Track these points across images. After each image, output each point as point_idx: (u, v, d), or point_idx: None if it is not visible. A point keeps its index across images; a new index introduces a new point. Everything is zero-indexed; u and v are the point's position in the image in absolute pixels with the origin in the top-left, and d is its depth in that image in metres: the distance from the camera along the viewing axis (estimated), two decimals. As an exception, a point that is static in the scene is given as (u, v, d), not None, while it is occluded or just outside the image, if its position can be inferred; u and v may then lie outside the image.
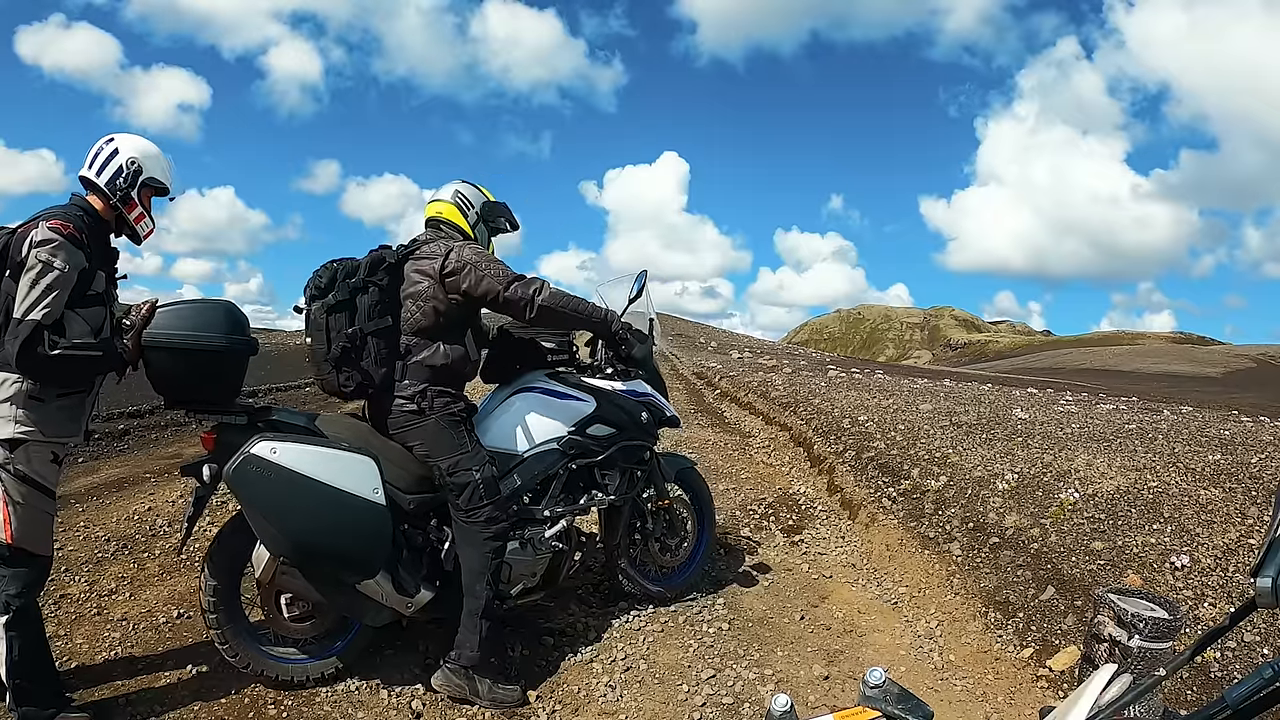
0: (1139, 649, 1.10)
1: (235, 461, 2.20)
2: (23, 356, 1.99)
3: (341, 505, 2.27)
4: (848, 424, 6.34)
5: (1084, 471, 3.98)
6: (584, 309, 2.66)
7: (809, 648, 2.97)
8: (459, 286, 2.48)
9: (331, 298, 2.41)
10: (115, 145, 2.25)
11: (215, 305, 2.31)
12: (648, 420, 3.03)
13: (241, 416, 2.36)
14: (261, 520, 2.24)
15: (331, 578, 2.39)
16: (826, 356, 21.16)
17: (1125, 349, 68.35)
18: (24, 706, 2.12)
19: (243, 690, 2.47)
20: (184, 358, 2.20)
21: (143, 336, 2.15)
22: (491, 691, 2.48)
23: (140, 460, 5.66)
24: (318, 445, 2.32)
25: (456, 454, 2.49)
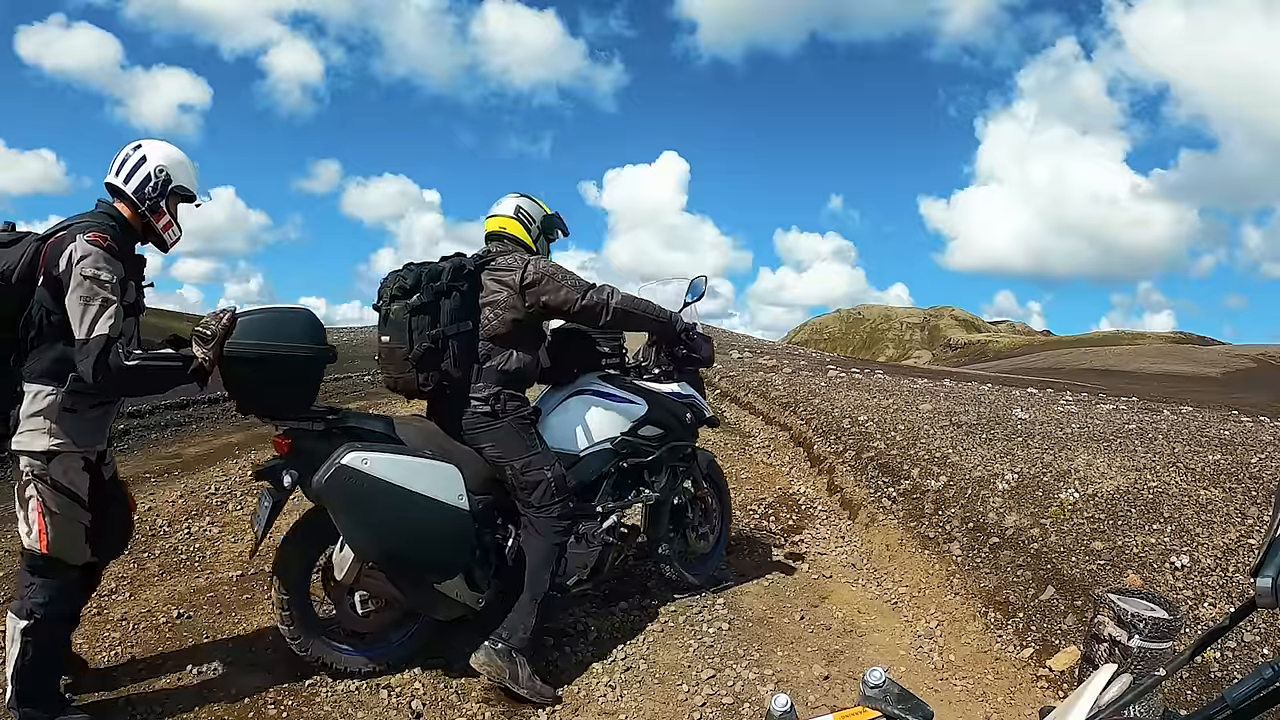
0: (1139, 649, 1.10)
1: (328, 472, 2.26)
2: (98, 372, 1.99)
3: (429, 512, 2.37)
4: (848, 424, 6.34)
5: (1084, 471, 3.98)
6: (653, 311, 2.84)
7: (809, 648, 2.97)
8: (539, 297, 2.62)
9: (416, 299, 2.48)
10: (143, 153, 2.23)
11: (296, 313, 2.33)
12: (690, 420, 3.17)
13: (319, 423, 2.40)
14: (352, 528, 2.32)
15: (414, 579, 2.48)
16: (826, 356, 21.17)
17: (1125, 349, 68.41)
18: (24, 708, 2.12)
19: (243, 690, 2.47)
20: (268, 366, 2.21)
21: (224, 346, 2.14)
22: (531, 680, 2.53)
23: (140, 460, 5.65)
24: (406, 455, 2.40)
25: (528, 454, 2.61)
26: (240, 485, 4.97)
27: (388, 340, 2.54)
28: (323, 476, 2.27)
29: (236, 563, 3.56)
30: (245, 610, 3.08)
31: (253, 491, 4.83)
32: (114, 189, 2.23)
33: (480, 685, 2.61)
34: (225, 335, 2.13)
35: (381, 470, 2.32)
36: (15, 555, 3.49)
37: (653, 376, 3.15)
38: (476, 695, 2.57)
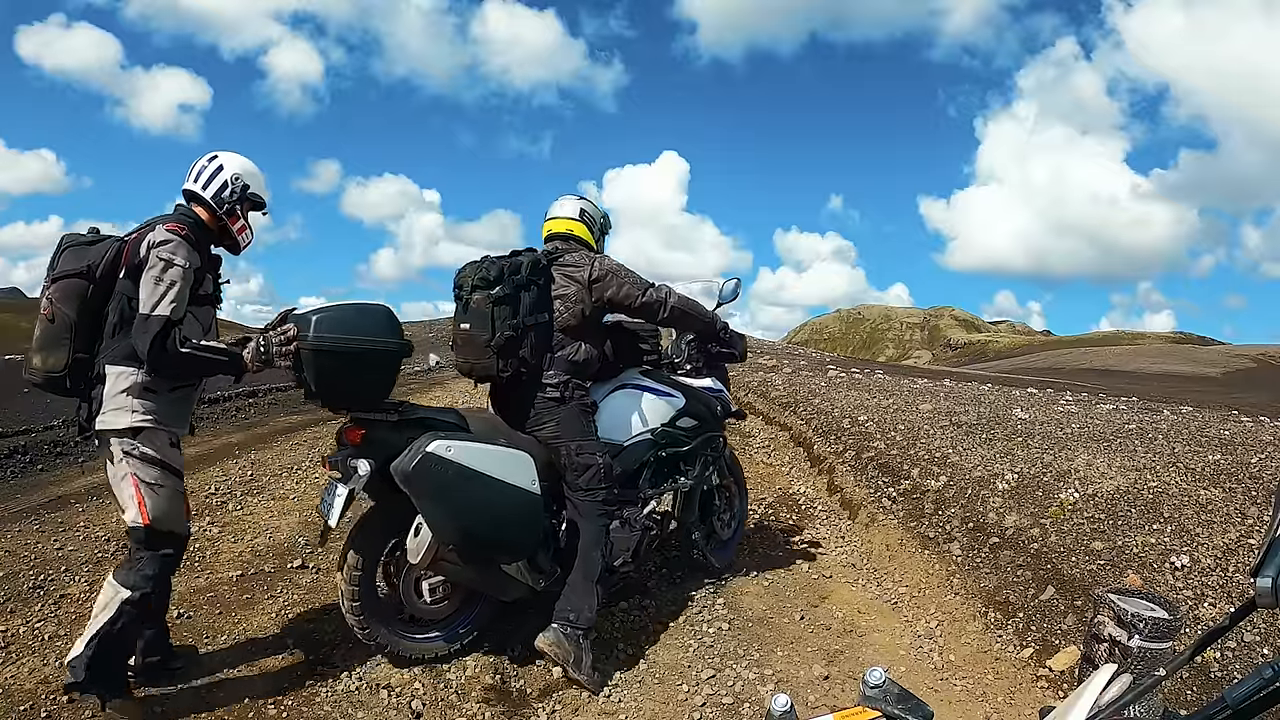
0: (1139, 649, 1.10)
1: (415, 459, 2.36)
2: (153, 351, 2.11)
3: (505, 496, 2.51)
4: (847, 424, 6.34)
5: (1084, 471, 3.98)
6: (699, 311, 3.08)
7: (809, 648, 2.97)
8: (604, 293, 2.82)
9: (499, 291, 2.62)
10: (220, 162, 2.39)
11: (376, 308, 2.45)
12: (720, 412, 3.40)
13: (393, 414, 2.51)
14: (435, 511, 2.41)
15: (487, 560, 2.59)
16: (826, 356, 21.14)
17: (1125, 349, 68.33)
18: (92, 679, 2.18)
19: (242, 690, 2.47)
20: (352, 360, 2.33)
21: (311, 340, 2.27)
22: (592, 666, 2.64)
23: (140, 460, 5.66)
24: (484, 443, 2.53)
25: (585, 439, 2.79)
26: (240, 485, 4.98)
27: (468, 328, 2.69)
28: (410, 463, 2.36)
29: (236, 563, 3.57)
30: (245, 610, 3.08)
31: (252, 491, 4.83)
32: (192, 195, 2.39)
33: (480, 685, 2.61)
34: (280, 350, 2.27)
35: (464, 457, 2.44)
36: (15, 555, 3.50)
37: (685, 372, 3.34)
38: (476, 695, 2.57)
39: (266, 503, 4.62)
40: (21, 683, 2.46)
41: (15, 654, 2.64)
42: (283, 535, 4.00)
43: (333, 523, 2.45)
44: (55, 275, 2.19)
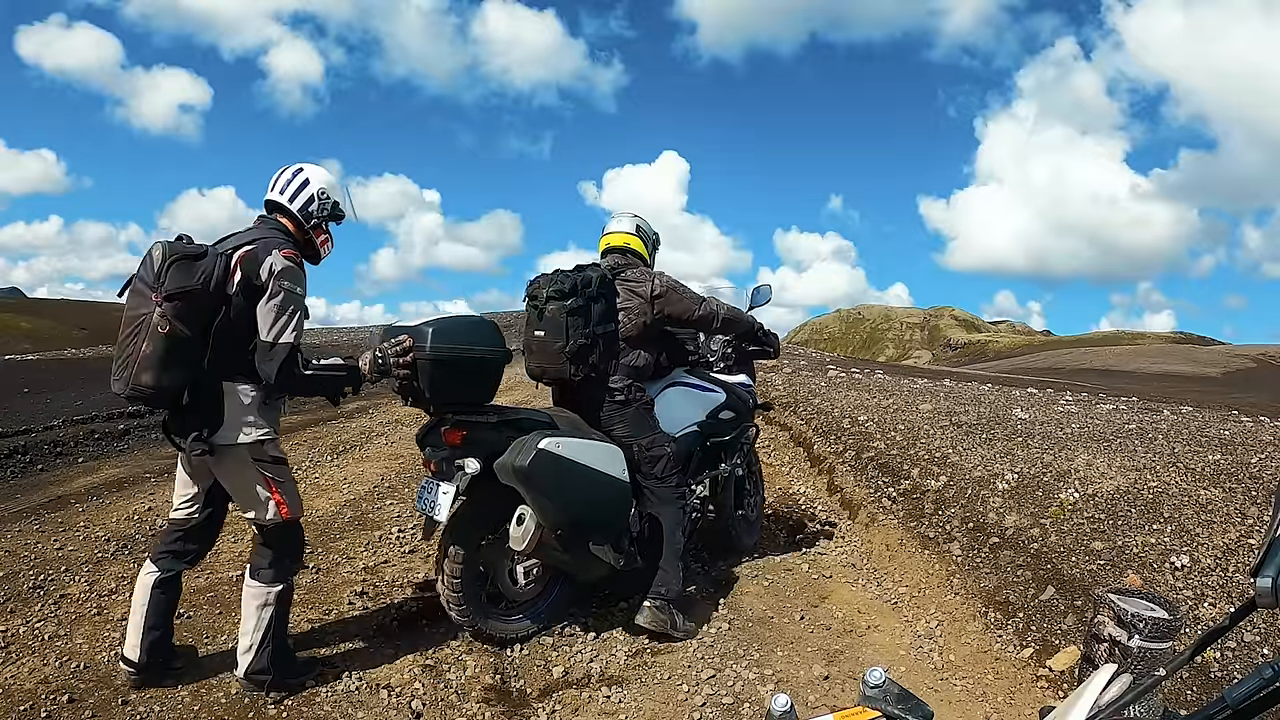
0: (1139, 649, 1.10)
1: (530, 455, 2.59)
2: (281, 375, 2.24)
3: (603, 485, 2.79)
4: (847, 424, 6.34)
5: (1084, 471, 3.98)
6: (743, 319, 3.42)
7: (809, 648, 2.97)
8: (664, 308, 3.13)
9: (572, 302, 2.82)
10: (306, 176, 2.47)
11: (483, 321, 2.72)
12: (753, 405, 3.77)
13: (492, 416, 2.72)
14: (545, 501, 2.64)
15: (583, 543, 2.80)
16: (826, 356, 21.14)
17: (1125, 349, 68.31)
18: (279, 670, 2.41)
19: (243, 690, 2.47)
20: (464, 367, 2.56)
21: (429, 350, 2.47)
22: (685, 624, 3.01)
23: (140, 460, 5.66)
24: (584, 439, 2.82)
25: (652, 434, 3.08)
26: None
27: (543, 335, 2.89)
28: (524, 459, 2.58)
29: (236, 563, 3.56)
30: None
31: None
32: (277, 206, 2.46)
33: (480, 685, 2.61)
34: (397, 360, 2.44)
35: (570, 452, 2.70)
36: (15, 555, 3.50)
37: (720, 369, 3.66)
38: (476, 695, 2.57)
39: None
40: (21, 683, 2.46)
41: (15, 654, 2.64)
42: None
43: (442, 518, 2.61)
44: (170, 292, 2.13)
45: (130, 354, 2.15)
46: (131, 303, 2.18)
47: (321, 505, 4.63)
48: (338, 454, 6.14)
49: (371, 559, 3.73)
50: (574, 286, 2.84)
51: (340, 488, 5.08)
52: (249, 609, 2.40)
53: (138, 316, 2.15)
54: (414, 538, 4.03)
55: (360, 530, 4.18)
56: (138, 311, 2.16)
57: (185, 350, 2.16)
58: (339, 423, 7.68)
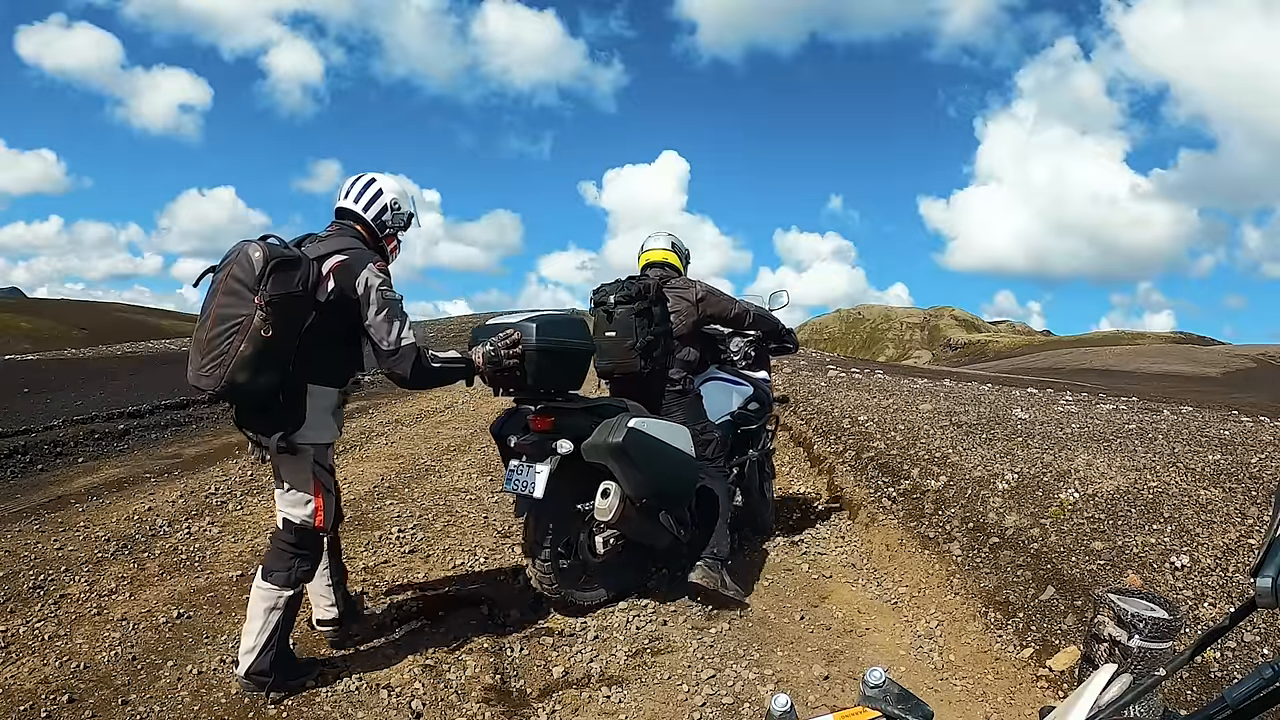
0: (1139, 649, 1.10)
1: (622, 434, 2.88)
2: (414, 373, 2.44)
3: (677, 460, 3.12)
4: (847, 424, 6.34)
5: (1084, 471, 3.98)
6: (770, 317, 3.89)
7: (809, 648, 2.97)
8: (707, 310, 3.59)
9: (639, 305, 3.22)
10: (379, 186, 2.59)
11: (575, 318, 3.03)
12: (773, 398, 4.19)
13: (576, 403, 3.01)
14: (634, 473, 2.94)
15: (656, 513, 3.16)
16: (826, 356, 21.14)
17: (1125, 349, 68.29)
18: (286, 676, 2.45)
19: (243, 690, 2.47)
20: (564, 357, 2.87)
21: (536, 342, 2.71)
22: (733, 584, 3.31)
23: (140, 460, 5.66)
24: (660, 419, 3.14)
25: (704, 420, 3.51)
26: (240, 485, 4.98)
27: (614, 335, 3.24)
28: (618, 436, 2.87)
29: (236, 563, 3.57)
30: (245, 610, 3.07)
31: (252, 491, 4.83)
32: (349, 213, 2.57)
33: (480, 685, 2.61)
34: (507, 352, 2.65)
35: (654, 430, 3.02)
36: (15, 555, 3.50)
37: (744, 366, 4.03)
38: (476, 695, 2.57)
39: (266, 503, 4.62)
40: (21, 683, 2.46)
41: (15, 654, 2.64)
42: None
43: (540, 494, 2.85)
44: (273, 296, 2.16)
45: (225, 352, 2.16)
46: (224, 301, 2.18)
47: (321, 505, 4.63)
48: (337, 454, 6.13)
49: (371, 559, 3.73)
50: (639, 292, 3.24)
51: (340, 488, 5.08)
52: (256, 609, 2.41)
53: (234, 316, 2.16)
54: (414, 537, 4.03)
55: (360, 530, 4.18)
56: (235, 311, 2.17)
57: (280, 352, 2.23)
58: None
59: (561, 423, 2.91)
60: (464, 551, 3.91)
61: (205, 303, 2.25)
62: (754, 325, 3.83)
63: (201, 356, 2.20)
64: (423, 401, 9.50)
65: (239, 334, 2.16)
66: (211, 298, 2.23)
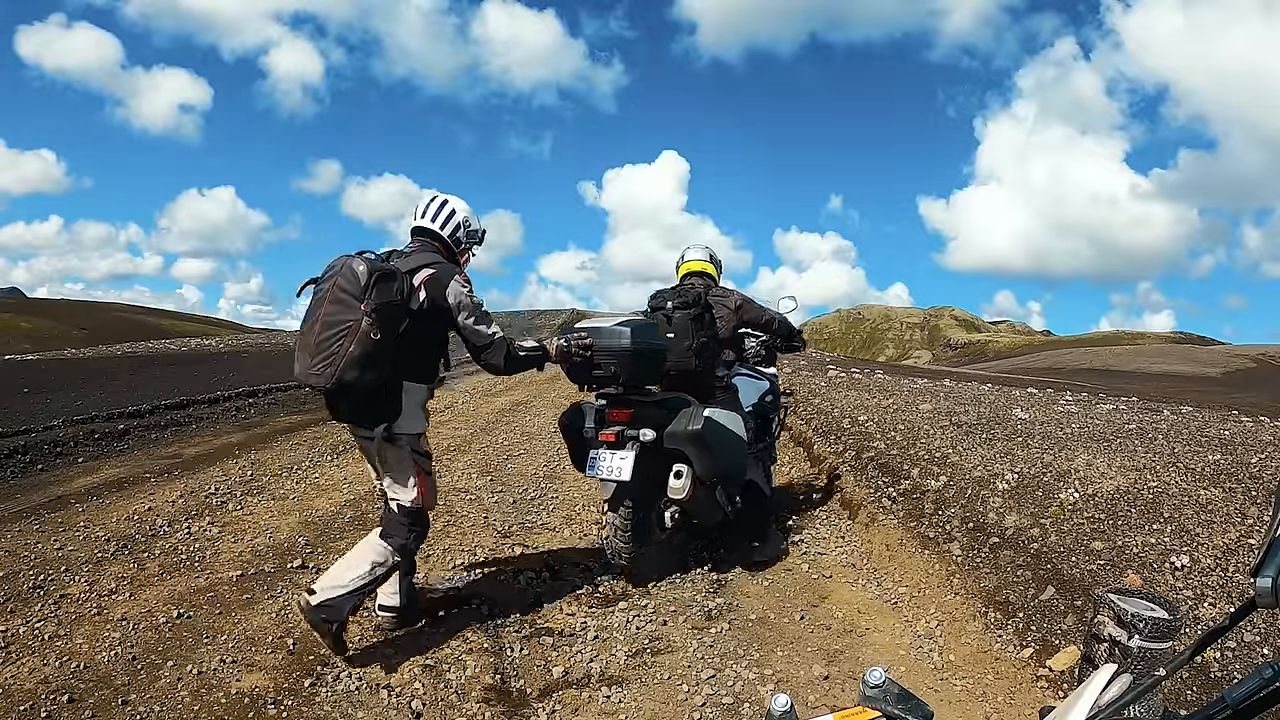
0: (1139, 649, 1.10)
1: (700, 422, 3.29)
2: (508, 360, 2.86)
3: (737, 443, 3.57)
4: (848, 424, 6.34)
5: (1084, 471, 3.98)
6: (787, 321, 4.34)
7: (809, 648, 2.97)
8: (744, 315, 4.10)
9: (694, 311, 3.68)
10: (452, 207, 2.90)
11: (652, 323, 3.48)
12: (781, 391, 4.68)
13: (648, 397, 3.46)
14: (706, 456, 3.34)
15: (716, 489, 3.57)
16: (826, 356, 21.13)
17: (1125, 349, 68.28)
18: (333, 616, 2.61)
19: (243, 690, 2.47)
20: (652, 357, 3.36)
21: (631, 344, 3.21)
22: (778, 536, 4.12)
23: (140, 460, 5.66)
24: (723, 410, 3.53)
25: (743, 411, 3.88)
26: (240, 485, 4.98)
27: (672, 337, 3.60)
28: (697, 424, 3.28)
29: (236, 563, 3.57)
30: (245, 610, 3.08)
31: (252, 491, 4.84)
32: (427, 231, 2.87)
33: (480, 685, 2.61)
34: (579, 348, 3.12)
35: (722, 419, 3.43)
36: (15, 555, 3.50)
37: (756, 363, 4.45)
38: (476, 695, 2.57)
39: (266, 503, 4.62)
40: (21, 683, 2.46)
41: (15, 654, 2.64)
42: (283, 535, 4.01)
43: (627, 477, 3.22)
44: (378, 304, 2.47)
45: (335, 353, 2.45)
46: (331, 309, 2.48)
47: (321, 505, 4.63)
48: (338, 454, 6.14)
49: (371, 559, 3.73)
50: (694, 299, 3.70)
51: (340, 488, 5.08)
52: (363, 559, 2.68)
53: (343, 321, 2.46)
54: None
55: (360, 530, 4.18)
56: (342, 317, 2.46)
57: (384, 354, 2.49)
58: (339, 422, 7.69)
59: (640, 414, 3.33)
60: (464, 551, 3.91)
61: (310, 310, 2.55)
62: (780, 329, 4.29)
63: (311, 357, 2.48)
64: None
65: (348, 337, 2.45)
66: (318, 306, 2.51)
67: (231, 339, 22.60)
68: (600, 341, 3.18)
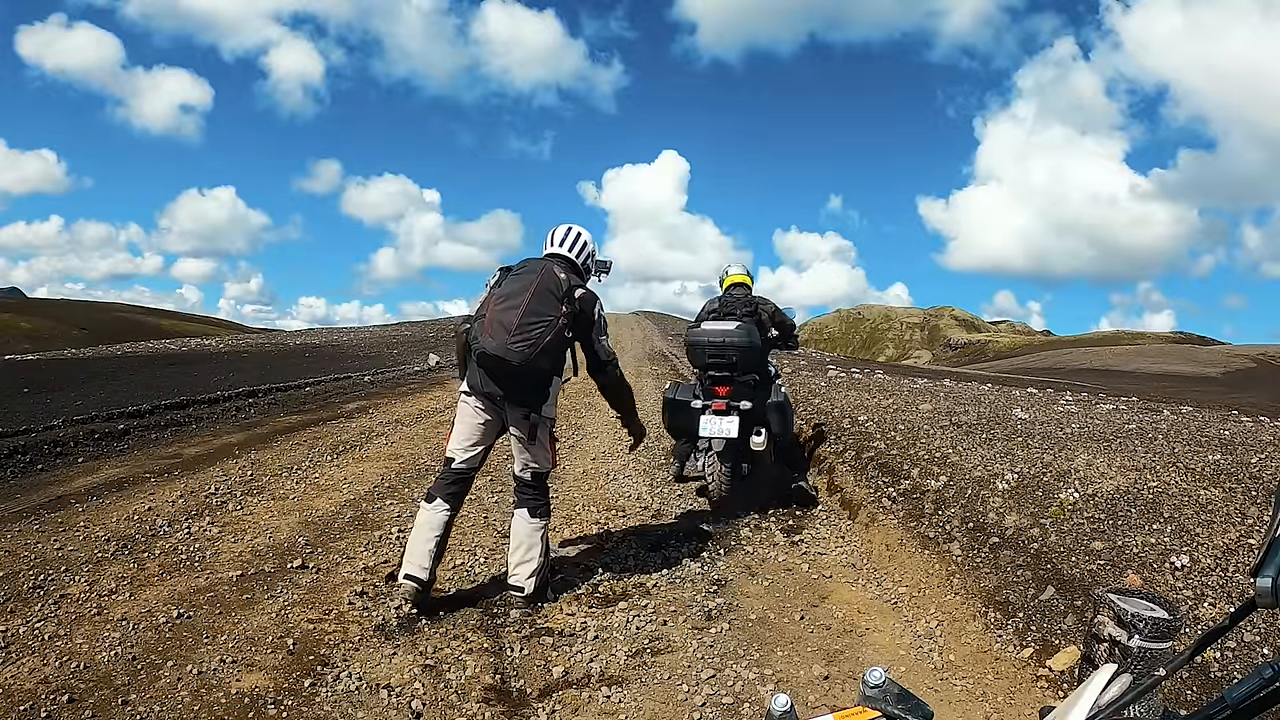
0: (1139, 649, 1.10)
1: (780, 396, 4.80)
2: (618, 382, 3.41)
3: (792, 414, 5.00)
4: (848, 424, 6.34)
5: (1084, 471, 3.97)
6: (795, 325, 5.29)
7: (809, 648, 2.97)
8: (775, 319, 5.07)
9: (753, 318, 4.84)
10: (584, 239, 3.41)
11: (753, 326, 4.72)
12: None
13: (741, 379, 4.63)
14: (780, 421, 4.69)
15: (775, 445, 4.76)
16: (826, 356, 21.12)
17: (1125, 349, 68.27)
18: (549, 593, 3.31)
19: (243, 690, 2.47)
20: (755, 351, 4.67)
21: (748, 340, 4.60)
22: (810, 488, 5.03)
23: (140, 460, 5.65)
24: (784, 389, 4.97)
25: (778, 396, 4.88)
26: (240, 485, 4.98)
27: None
28: (777, 398, 4.71)
29: (236, 563, 3.57)
30: (245, 610, 3.08)
31: (252, 491, 4.84)
32: (562, 257, 3.32)
33: (480, 685, 2.61)
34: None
35: (786, 396, 4.89)
36: (15, 555, 3.50)
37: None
38: (476, 695, 2.57)
39: (266, 503, 4.62)
40: (21, 683, 2.46)
41: (15, 654, 2.63)
42: (283, 535, 4.01)
43: (735, 434, 4.45)
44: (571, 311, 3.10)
45: (536, 339, 2.96)
46: (536, 303, 2.99)
47: (321, 505, 4.63)
48: (338, 454, 6.14)
49: (371, 559, 3.73)
50: (755, 308, 4.92)
51: (340, 488, 5.08)
52: (531, 539, 3.20)
53: (546, 315, 2.99)
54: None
55: (360, 530, 4.18)
56: (546, 311, 3.00)
57: (563, 349, 3.11)
58: (339, 423, 7.68)
59: (737, 391, 4.56)
60: (464, 551, 3.91)
61: (510, 292, 3.03)
62: (788, 331, 5.17)
63: (509, 335, 2.93)
64: (422, 401, 9.49)
65: (549, 329, 2.98)
66: (522, 292, 3.00)
67: (231, 339, 22.60)
68: (729, 339, 4.56)
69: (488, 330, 2.98)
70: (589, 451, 6.52)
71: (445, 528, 3.17)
